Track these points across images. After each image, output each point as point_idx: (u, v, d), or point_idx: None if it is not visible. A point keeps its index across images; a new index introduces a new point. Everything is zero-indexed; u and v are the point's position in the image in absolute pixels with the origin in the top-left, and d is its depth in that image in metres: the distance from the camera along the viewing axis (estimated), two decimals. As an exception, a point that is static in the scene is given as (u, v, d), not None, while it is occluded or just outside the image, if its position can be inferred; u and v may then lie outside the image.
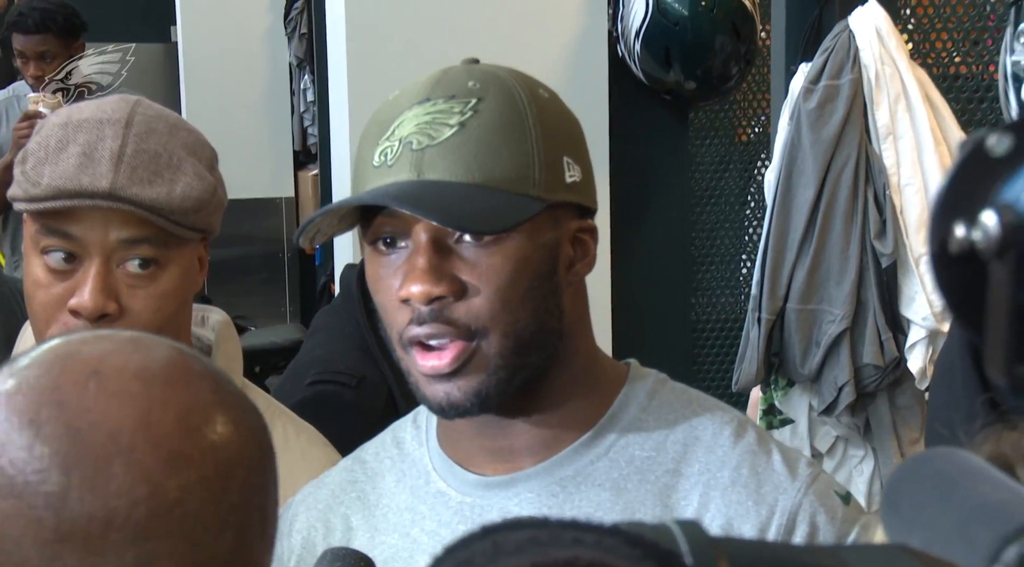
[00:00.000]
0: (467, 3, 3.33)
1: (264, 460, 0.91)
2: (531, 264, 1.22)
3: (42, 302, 1.54)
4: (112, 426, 0.84)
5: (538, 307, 1.23)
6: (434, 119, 1.23)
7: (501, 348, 1.22)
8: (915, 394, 2.66)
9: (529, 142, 1.22)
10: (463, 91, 1.24)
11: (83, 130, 1.52)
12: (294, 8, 6.53)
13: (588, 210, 1.28)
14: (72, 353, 0.87)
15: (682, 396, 1.34)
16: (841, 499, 1.29)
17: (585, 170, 1.26)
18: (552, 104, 1.26)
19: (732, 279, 3.96)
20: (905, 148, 2.58)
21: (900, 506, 0.72)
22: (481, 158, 1.21)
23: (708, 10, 3.30)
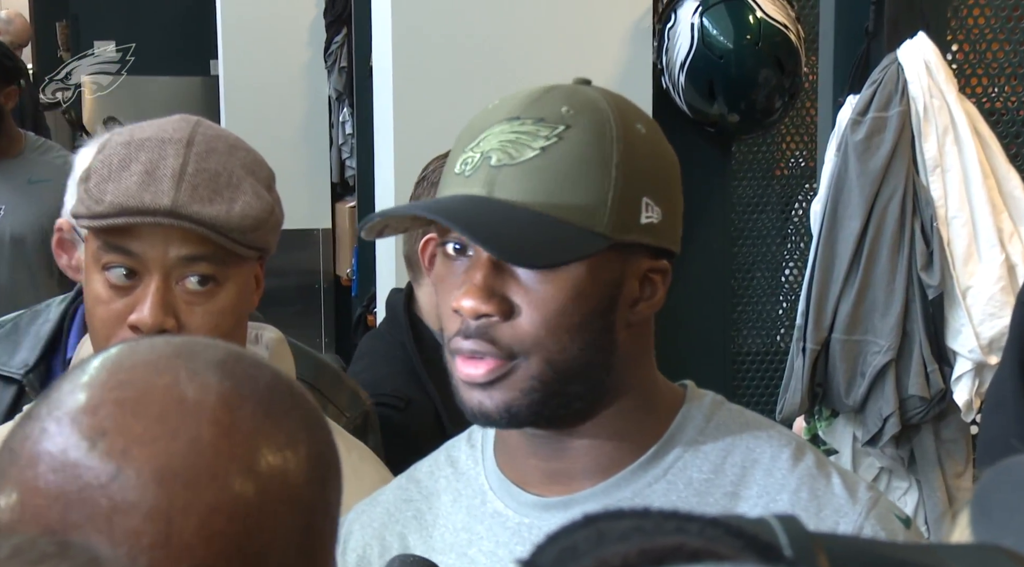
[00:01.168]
0: (512, 37, 3.35)
1: (296, 509, 0.90)
2: (586, 298, 1.22)
3: (102, 318, 1.56)
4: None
5: (589, 341, 1.23)
6: (518, 139, 1.22)
7: (540, 372, 1.23)
8: (960, 427, 2.65)
9: (608, 178, 1.20)
10: (554, 116, 1.23)
11: (145, 149, 1.55)
12: (334, 42, 6.58)
13: (665, 251, 1.27)
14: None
15: (739, 418, 1.33)
16: (902, 523, 1.28)
17: (669, 211, 1.25)
18: (646, 141, 1.24)
19: (772, 314, 3.95)
20: (953, 181, 2.59)
21: (991, 511, 0.72)
22: (555, 186, 1.20)
23: (753, 43, 3.31)
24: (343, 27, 6.45)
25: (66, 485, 0.83)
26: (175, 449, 0.84)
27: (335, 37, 6.59)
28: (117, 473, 0.82)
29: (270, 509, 0.86)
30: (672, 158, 1.28)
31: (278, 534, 0.86)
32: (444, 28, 3.32)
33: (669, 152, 1.27)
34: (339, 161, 6.63)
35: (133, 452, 0.83)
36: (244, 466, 0.85)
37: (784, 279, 3.96)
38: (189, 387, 0.86)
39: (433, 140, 2.87)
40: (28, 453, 0.85)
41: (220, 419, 0.85)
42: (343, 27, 6.45)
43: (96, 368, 0.88)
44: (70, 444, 0.84)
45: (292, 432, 0.89)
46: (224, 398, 0.86)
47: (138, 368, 0.87)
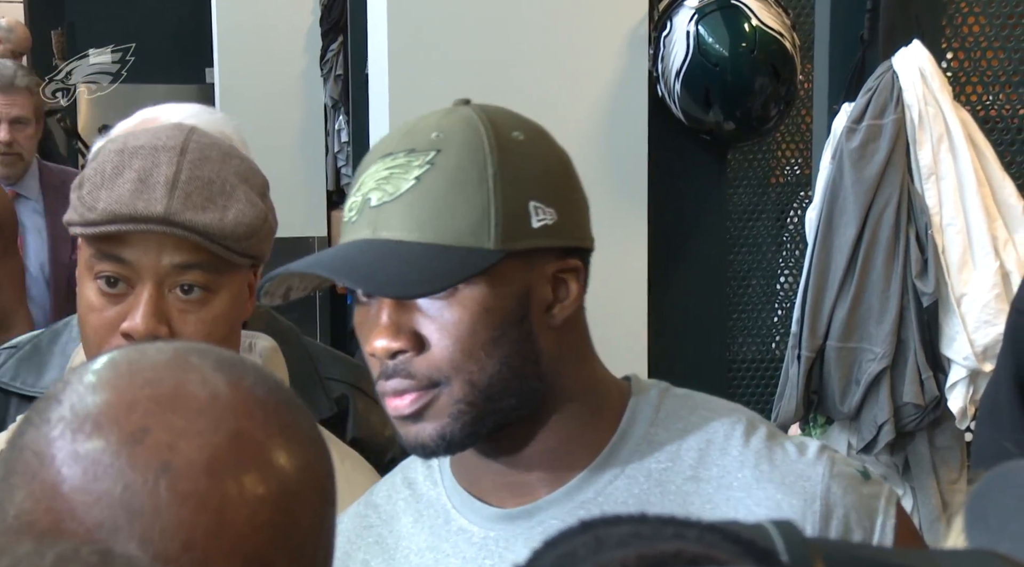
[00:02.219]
0: (508, 44, 3.35)
1: (324, 499, 0.91)
2: (494, 313, 1.23)
3: (95, 325, 1.56)
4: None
5: (507, 354, 1.24)
6: (392, 174, 1.24)
7: (464, 394, 1.24)
8: (955, 434, 2.66)
9: (486, 192, 1.21)
10: (424, 143, 1.24)
11: (139, 156, 1.55)
12: (330, 50, 6.58)
13: (574, 249, 1.27)
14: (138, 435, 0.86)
15: (687, 402, 1.34)
16: (861, 474, 1.28)
17: (565, 209, 1.25)
18: (525, 146, 1.25)
19: (768, 321, 3.95)
20: (947, 188, 2.59)
21: (986, 516, 0.72)
22: (435, 213, 1.22)
23: (749, 51, 3.31)
24: (339, 35, 6.46)
25: (108, 484, 0.83)
26: (219, 441, 0.85)
27: (331, 45, 6.59)
28: (166, 467, 0.83)
29: (307, 499, 0.88)
30: (560, 157, 1.27)
31: (313, 524, 0.88)
32: (440, 36, 3.32)
33: (555, 152, 1.27)
34: (335, 169, 6.63)
35: (180, 446, 0.84)
36: (283, 457, 0.87)
37: (780, 287, 3.97)
38: (217, 383, 0.87)
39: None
40: (57, 455, 0.84)
41: (254, 413, 0.87)
42: (339, 35, 6.46)
43: (110, 369, 0.89)
44: (110, 443, 0.84)
45: (310, 427, 0.92)
46: (251, 393, 0.88)
47: (160, 367, 0.88)
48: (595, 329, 1.35)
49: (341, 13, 6.37)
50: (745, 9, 3.31)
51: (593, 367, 1.32)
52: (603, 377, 1.34)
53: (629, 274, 3.46)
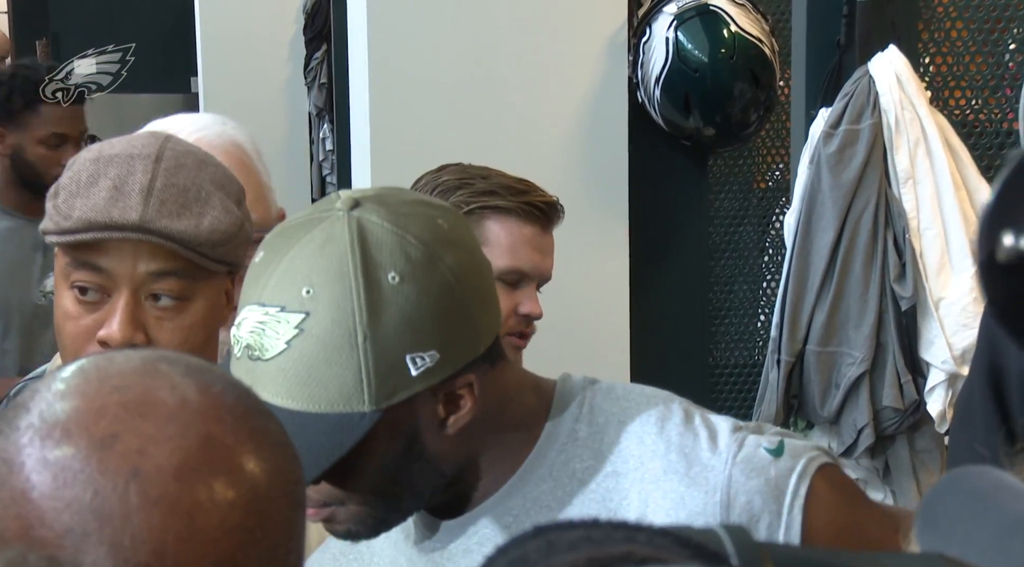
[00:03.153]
0: (488, 52, 3.35)
1: (294, 503, 0.92)
2: (378, 456, 1.24)
3: (71, 334, 1.56)
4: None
5: (398, 477, 1.25)
6: (266, 328, 1.23)
7: (360, 511, 1.27)
8: (935, 437, 2.66)
9: (356, 359, 1.20)
10: (294, 302, 1.21)
11: (114, 164, 1.55)
12: (314, 58, 6.59)
13: (465, 367, 1.25)
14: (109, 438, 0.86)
15: (609, 395, 1.34)
16: (771, 453, 1.27)
17: (448, 341, 1.22)
18: (399, 291, 1.21)
19: (750, 327, 3.96)
20: (925, 192, 2.60)
21: (937, 520, 0.73)
22: (304, 382, 1.21)
23: (728, 57, 3.32)
24: (323, 43, 6.46)
25: (78, 491, 0.83)
26: (189, 447, 0.85)
27: (315, 54, 6.59)
28: (136, 473, 0.83)
29: (277, 503, 0.88)
30: (442, 283, 1.22)
31: (284, 529, 0.89)
32: (420, 44, 3.33)
33: (436, 280, 1.22)
34: (319, 177, 6.63)
35: (150, 451, 0.84)
36: (253, 462, 0.88)
37: (763, 292, 3.97)
38: (186, 389, 0.88)
39: (410, 157, 2.87)
40: (26, 462, 0.84)
41: (223, 418, 0.88)
42: (323, 43, 6.46)
43: (79, 376, 0.89)
44: (79, 449, 0.84)
45: (279, 432, 0.92)
46: (220, 399, 0.89)
47: (128, 374, 0.88)
48: (577, 336, 1.36)
49: (325, 22, 6.38)
50: (724, 15, 3.32)
51: (509, 407, 1.32)
52: (524, 399, 1.34)
53: (610, 281, 3.46)
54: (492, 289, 1.28)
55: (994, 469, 0.77)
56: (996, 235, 0.73)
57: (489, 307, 1.26)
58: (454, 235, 1.26)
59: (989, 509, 0.71)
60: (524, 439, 1.32)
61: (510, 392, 1.32)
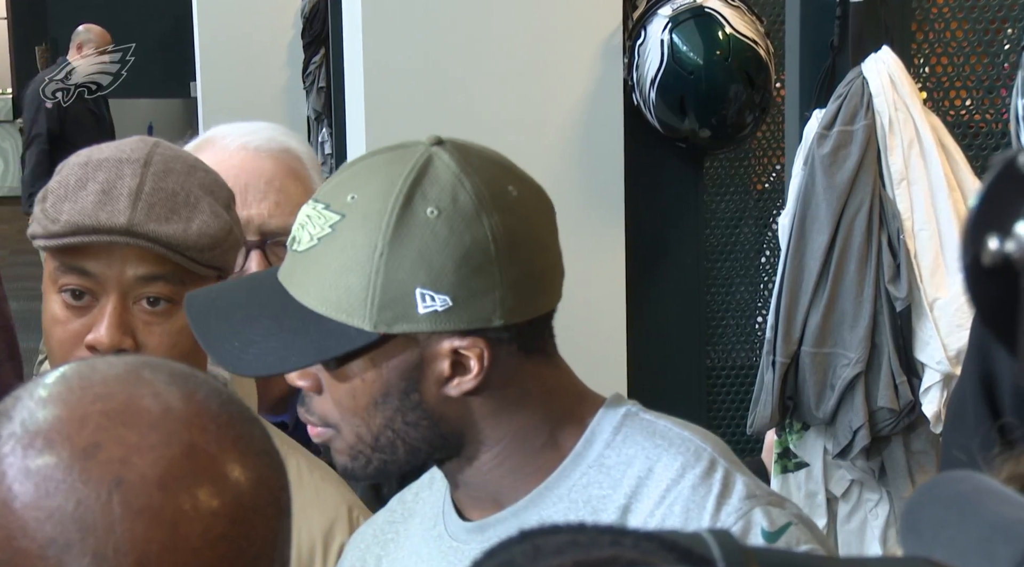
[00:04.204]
0: (482, 55, 3.36)
1: (279, 512, 0.91)
2: (372, 384, 1.26)
3: (60, 338, 1.57)
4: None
5: (391, 418, 1.27)
6: (306, 224, 1.27)
7: (354, 443, 1.29)
8: (930, 438, 2.66)
9: (368, 275, 1.22)
10: (338, 202, 1.25)
11: (103, 169, 1.55)
12: (312, 62, 6.60)
13: (479, 330, 1.25)
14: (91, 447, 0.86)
15: (648, 428, 1.32)
16: (765, 538, 1.25)
17: (464, 295, 1.23)
18: (433, 227, 1.23)
19: (747, 328, 3.96)
20: (919, 193, 2.60)
21: (920, 526, 0.73)
22: (319, 282, 1.24)
23: (723, 59, 3.32)
24: (321, 47, 6.47)
25: (60, 500, 0.83)
26: (172, 455, 0.85)
27: (313, 57, 6.60)
28: (119, 482, 0.83)
29: (261, 512, 0.88)
30: (478, 240, 1.23)
31: (268, 537, 0.89)
32: (414, 46, 3.33)
33: (475, 235, 1.23)
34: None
35: (133, 460, 0.84)
36: (237, 470, 0.88)
37: (761, 293, 3.97)
38: (169, 397, 0.87)
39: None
40: (8, 472, 0.84)
41: (207, 426, 0.87)
42: (321, 47, 6.47)
43: (60, 385, 0.88)
44: (61, 459, 0.84)
45: (262, 439, 0.91)
46: (204, 407, 0.89)
47: (111, 382, 0.88)
48: (574, 338, 1.36)
49: (323, 26, 6.39)
50: (719, 17, 3.31)
51: (537, 409, 1.32)
52: (563, 407, 1.33)
53: (607, 283, 3.46)
54: (536, 277, 1.28)
55: (976, 473, 0.77)
56: (981, 239, 0.73)
57: (522, 288, 1.26)
58: (516, 205, 1.27)
59: (972, 514, 0.71)
60: (553, 452, 1.32)
61: (543, 390, 1.32)
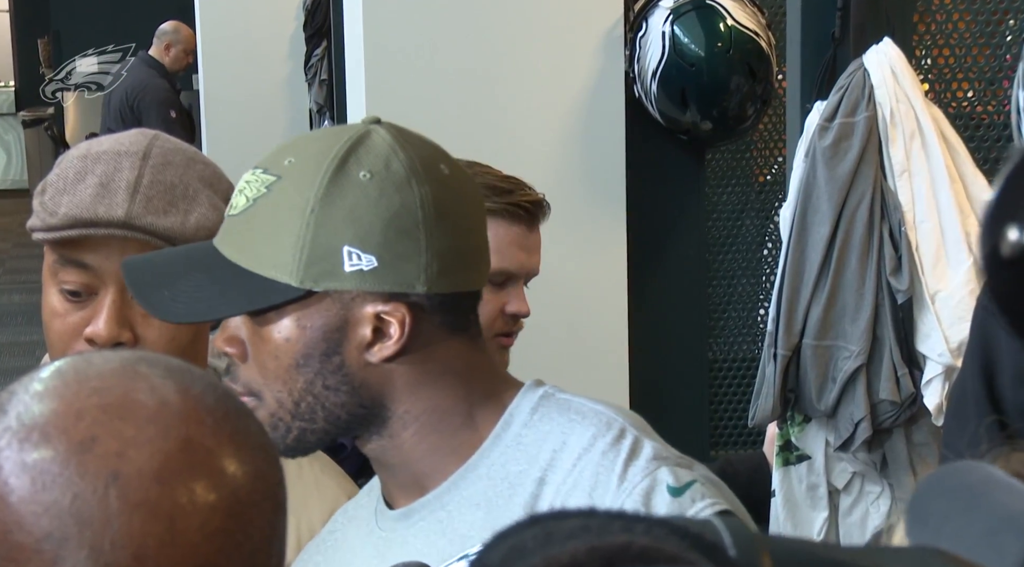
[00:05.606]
0: (484, 47, 3.35)
1: (276, 506, 0.91)
2: (295, 343, 1.28)
3: (58, 331, 1.56)
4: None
5: (311, 381, 1.29)
6: (243, 189, 1.30)
7: (275, 410, 1.31)
8: (932, 431, 2.66)
9: (298, 231, 1.25)
10: (275, 167, 1.29)
11: (101, 162, 1.55)
12: (314, 55, 6.59)
13: (401, 295, 1.28)
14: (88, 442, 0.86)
15: (564, 405, 1.35)
16: (671, 492, 1.27)
17: (389, 258, 1.26)
18: (364, 189, 1.26)
19: (749, 320, 3.96)
20: (920, 185, 2.59)
21: (926, 517, 0.73)
22: (251, 239, 1.28)
23: (724, 51, 3.32)
24: (323, 40, 6.46)
25: (57, 494, 0.82)
26: (169, 449, 0.85)
27: (315, 50, 6.60)
28: (116, 476, 0.83)
29: (258, 506, 0.88)
30: (409, 206, 1.27)
31: (265, 532, 0.88)
32: (415, 39, 3.33)
33: (407, 199, 1.27)
34: (320, 174, 6.64)
35: (129, 454, 0.84)
36: (234, 465, 0.87)
37: (763, 286, 3.97)
38: (166, 391, 0.87)
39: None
40: (4, 466, 0.84)
41: (204, 420, 0.87)
42: (323, 40, 6.46)
43: (56, 378, 0.88)
44: (58, 452, 0.83)
45: (260, 434, 0.91)
46: (200, 401, 0.88)
47: (107, 376, 0.88)
48: (576, 332, 1.37)
49: (324, 18, 6.38)
50: (720, 9, 3.31)
51: (456, 388, 1.33)
52: (480, 390, 1.35)
53: (609, 276, 3.46)
54: (462, 252, 1.30)
55: (982, 464, 0.77)
56: (1000, 230, 0.73)
57: (448, 260, 1.28)
58: (448, 181, 1.30)
59: (978, 505, 0.71)
60: (472, 433, 1.34)
61: (464, 368, 1.34)
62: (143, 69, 8.16)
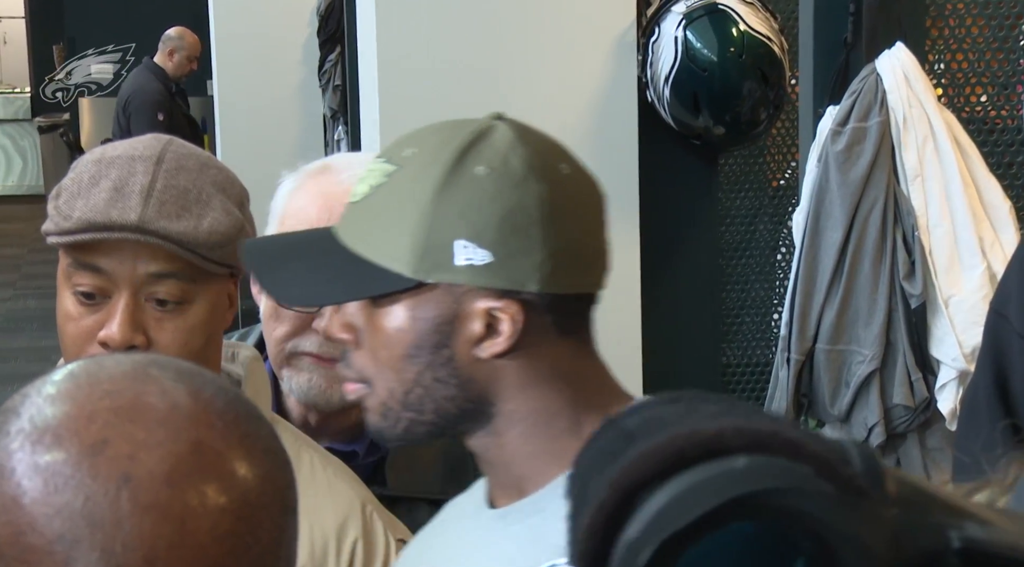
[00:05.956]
0: (496, 53, 3.36)
1: (285, 509, 0.91)
2: (406, 334, 1.29)
3: (72, 335, 1.57)
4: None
5: (421, 373, 1.30)
6: (366, 177, 1.31)
7: (385, 399, 1.32)
8: (945, 435, 2.65)
9: (414, 222, 1.26)
10: (396, 157, 1.31)
11: (115, 166, 1.55)
12: (328, 61, 6.60)
13: (514, 292, 1.27)
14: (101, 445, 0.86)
15: None
16: None
17: (506, 254, 1.26)
18: (482, 183, 1.26)
19: (763, 325, 3.96)
20: (933, 190, 2.59)
21: None
22: (368, 228, 1.29)
23: (737, 56, 3.31)
24: (336, 46, 6.47)
25: (69, 496, 0.83)
26: (180, 452, 0.85)
27: (329, 56, 6.61)
28: (127, 478, 0.83)
29: (268, 509, 0.88)
30: (524, 205, 1.26)
31: (274, 535, 0.89)
32: (428, 44, 3.33)
33: (523, 198, 1.26)
34: (334, 179, 6.64)
35: (140, 457, 0.84)
36: (244, 468, 0.88)
37: (776, 290, 3.97)
38: (177, 394, 0.88)
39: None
40: (17, 468, 0.84)
41: (214, 423, 0.88)
42: (336, 46, 6.47)
43: (68, 381, 0.89)
44: (70, 455, 0.84)
45: (268, 437, 0.91)
46: (211, 404, 0.89)
47: (119, 379, 0.88)
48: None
49: (338, 24, 6.39)
50: (733, 14, 3.31)
51: (560, 391, 1.33)
52: (580, 398, 1.34)
53: (622, 281, 3.46)
54: (578, 253, 1.30)
55: None
56: None
57: (562, 260, 1.28)
58: (566, 181, 1.30)
59: None
60: (576, 440, 1.31)
61: (573, 373, 1.33)
62: (143, 74, 8.17)
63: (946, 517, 0.59)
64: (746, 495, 0.54)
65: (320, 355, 1.77)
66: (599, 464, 0.60)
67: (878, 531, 0.56)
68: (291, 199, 1.83)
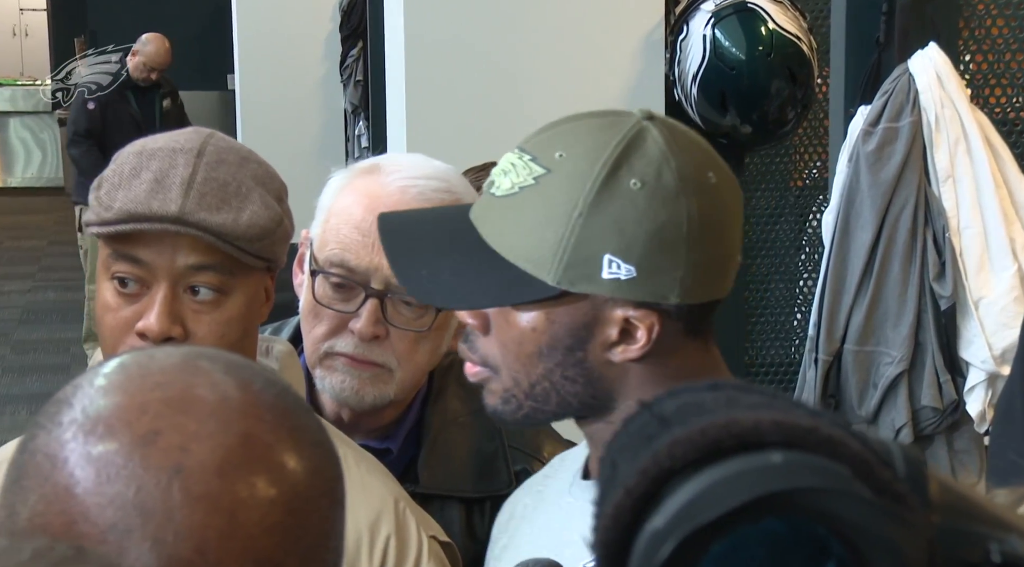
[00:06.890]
0: (524, 50, 3.36)
1: (333, 502, 0.92)
2: (542, 335, 1.30)
3: (111, 325, 1.57)
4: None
5: (551, 370, 1.31)
6: (509, 170, 1.31)
7: (509, 387, 1.33)
8: (973, 437, 2.65)
9: (563, 232, 1.26)
10: (544, 158, 1.29)
11: (156, 158, 1.56)
12: (350, 56, 6.61)
13: (653, 303, 1.28)
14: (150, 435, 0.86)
15: None
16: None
17: (649, 270, 1.26)
18: (634, 198, 1.25)
19: (785, 324, 3.95)
20: (964, 191, 2.58)
21: None
22: (514, 229, 1.29)
23: (765, 55, 3.31)
24: (358, 41, 6.48)
25: (121, 486, 0.83)
26: (231, 444, 0.85)
27: (350, 51, 6.61)
28: (178, 469, 0.83)
29: (316, 502, 0.88)
30: (675, 221, 1.26)
31: (323, 527, 0.89)
32: (456, 41, 3.33)
33: (673, 214, 1.25)
34: (355, 175, 6.65)
35: (192, 448, 0.84)
36: (293, 460, 0.88)
37: (800, 290, 3.96)
38: (226, 386, 0.88)
39: (446, 154, 2.87)
40: (69, 458, 0.85)
41: (263, 416, 0.88)
42: (358, 41, 6.48)
43: (119, 373, 0.89)
44: (122, 445, 0.84)
45: (316, 430, 0.92)
46: (260, 397, 0.89)
47: (169, 370, 0.89)
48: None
49: (360, 19, 6.40)
50: (762, 13, 3.31)
51: (679, 385, 1.35)
52: None
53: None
54: (717, 263, 1.30)
55: None
56: None
57: (703, 272, 1.28)
58: (714, 191, 1.29)
59: None
60: None
61: (696, 370, 1.34)
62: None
63: (989, 528, 0.58)
64: (779, 492, 0.53)
65: (354, 356, 1.77)
66: (631, 449, 0.58)
67: (913, 538, 0.55)
68: (338, 197, 1.82)
